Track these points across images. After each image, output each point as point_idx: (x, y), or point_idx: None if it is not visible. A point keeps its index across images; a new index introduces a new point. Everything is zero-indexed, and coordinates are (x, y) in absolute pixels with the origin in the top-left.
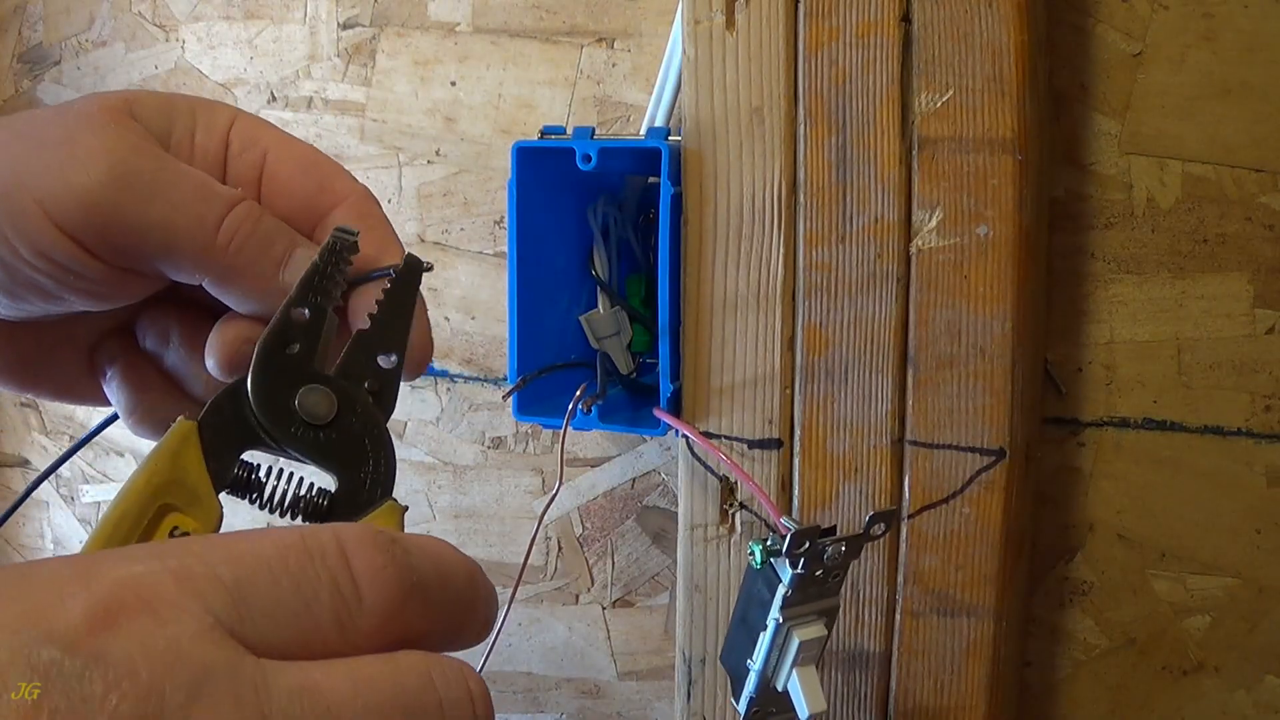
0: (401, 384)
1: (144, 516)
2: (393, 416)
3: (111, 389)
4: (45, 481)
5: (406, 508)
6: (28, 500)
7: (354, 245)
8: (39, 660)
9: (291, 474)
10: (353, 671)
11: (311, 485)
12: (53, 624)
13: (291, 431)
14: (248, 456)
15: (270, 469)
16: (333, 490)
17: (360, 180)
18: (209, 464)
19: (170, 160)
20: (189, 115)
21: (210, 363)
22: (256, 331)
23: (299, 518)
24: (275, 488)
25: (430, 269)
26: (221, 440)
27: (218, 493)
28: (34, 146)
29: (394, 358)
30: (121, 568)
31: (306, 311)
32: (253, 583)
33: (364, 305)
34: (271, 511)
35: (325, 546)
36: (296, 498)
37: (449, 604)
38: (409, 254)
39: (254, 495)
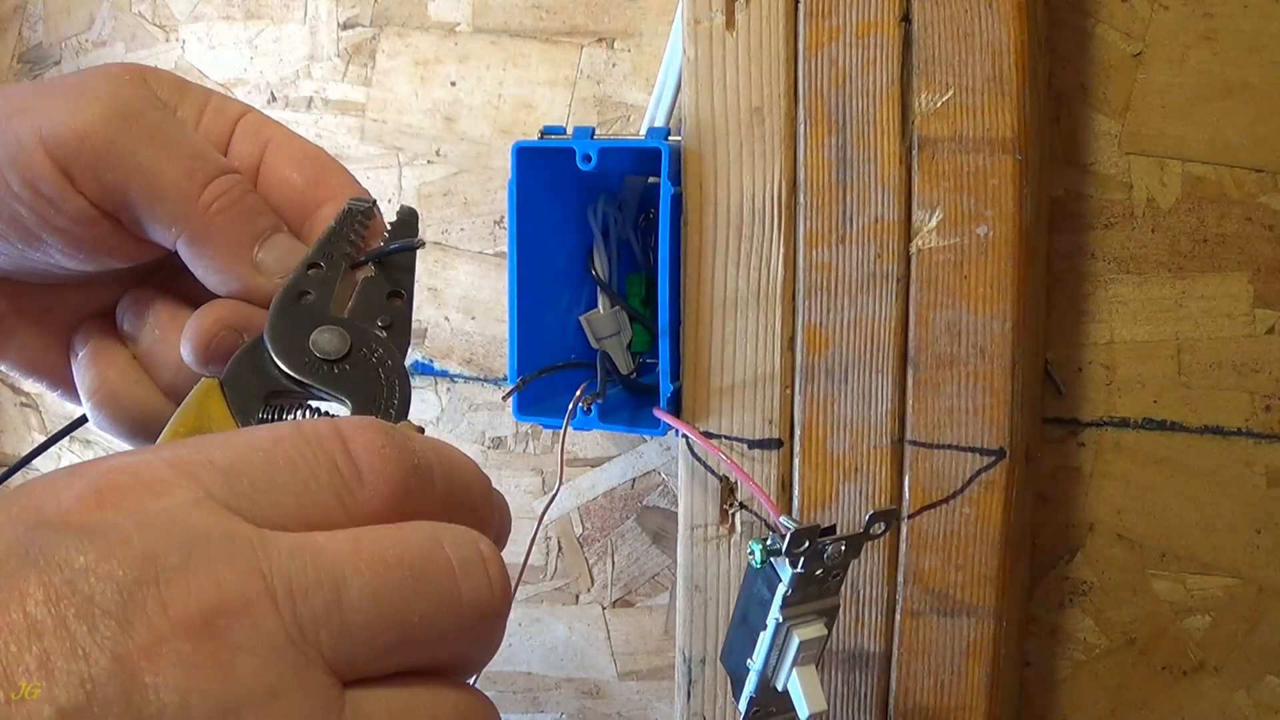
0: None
1: None
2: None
3: (79, 368)
4: None
5: (423, 429)
6: None
7: (369, 211)
8: (31, 544)
9: (316, 409)
10: (356, 534)
11: (332, 416)
12: (44, 512)
13: (308, 365)
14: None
15: (294, 410)
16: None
17: (361, 181)
18: (235, 415)
19: (175, 118)
20: (201, 98)
21: (185, 347)
22: (235, 318)
23: None
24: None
25: (416, 217)
26: (245, 393)
27: None
28: (46, 91)
29: (402, 295)
30: (114, 460)
31: (323, 265)
32: (248, 464)
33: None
34: None
35: (321, 431)
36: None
37: (456, 492)
38: (403, 206)
39: None
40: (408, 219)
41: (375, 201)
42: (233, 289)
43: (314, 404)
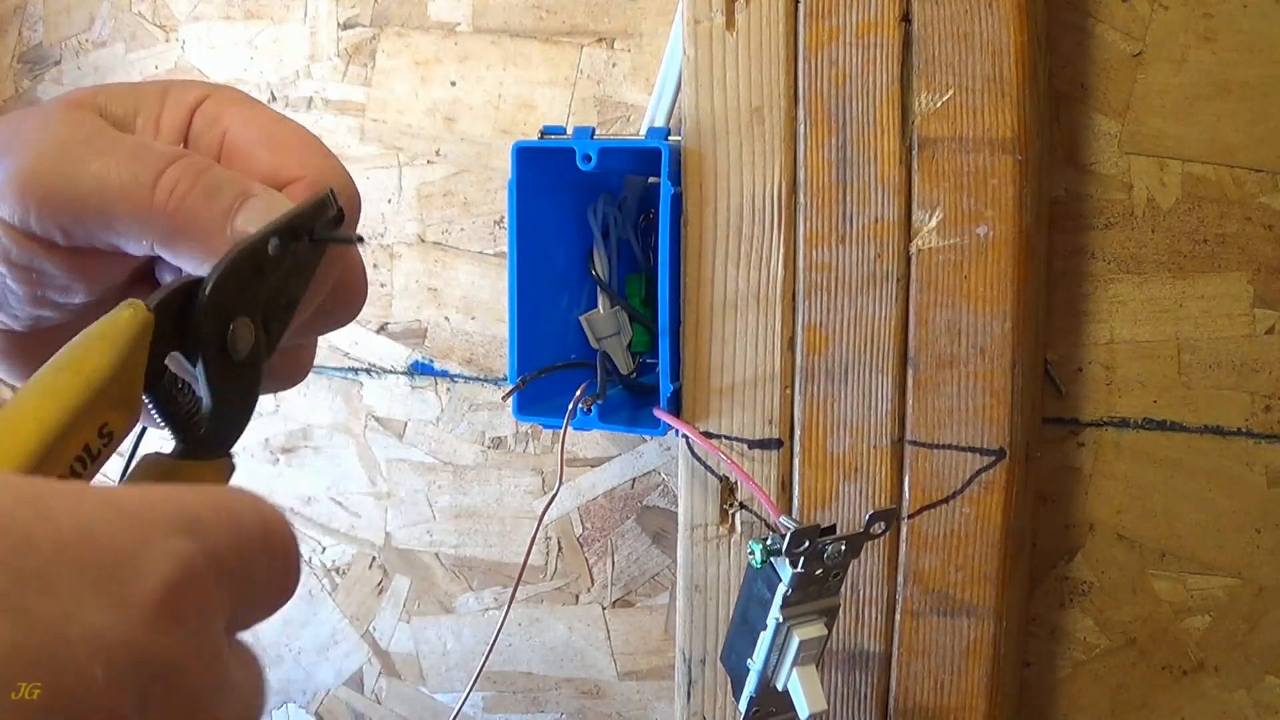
0: (410, 387)
1: (84, 417)
2: (393, 416)
3: None
4: None
5: (234, 468)
6: None
7: (339, 213)
8: None
9: (194, 392)
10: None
11: (199, 407)
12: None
13: (213, 351)
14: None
15: (178, 380)
16: (206, 420)
17: (361, 181)
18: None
19: (105, 130)
20: (157, 98)
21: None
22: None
23: (180, 433)
24: (182, 400)
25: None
26: (161, 338)
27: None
28: None
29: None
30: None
31: (278, 242)
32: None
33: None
34: (163, 417)
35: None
36: (188, 417)
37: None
38: (326, 190)
39: (163, 402)
40: (325, 201)
41: (344, 210)
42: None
43: (192, 387)
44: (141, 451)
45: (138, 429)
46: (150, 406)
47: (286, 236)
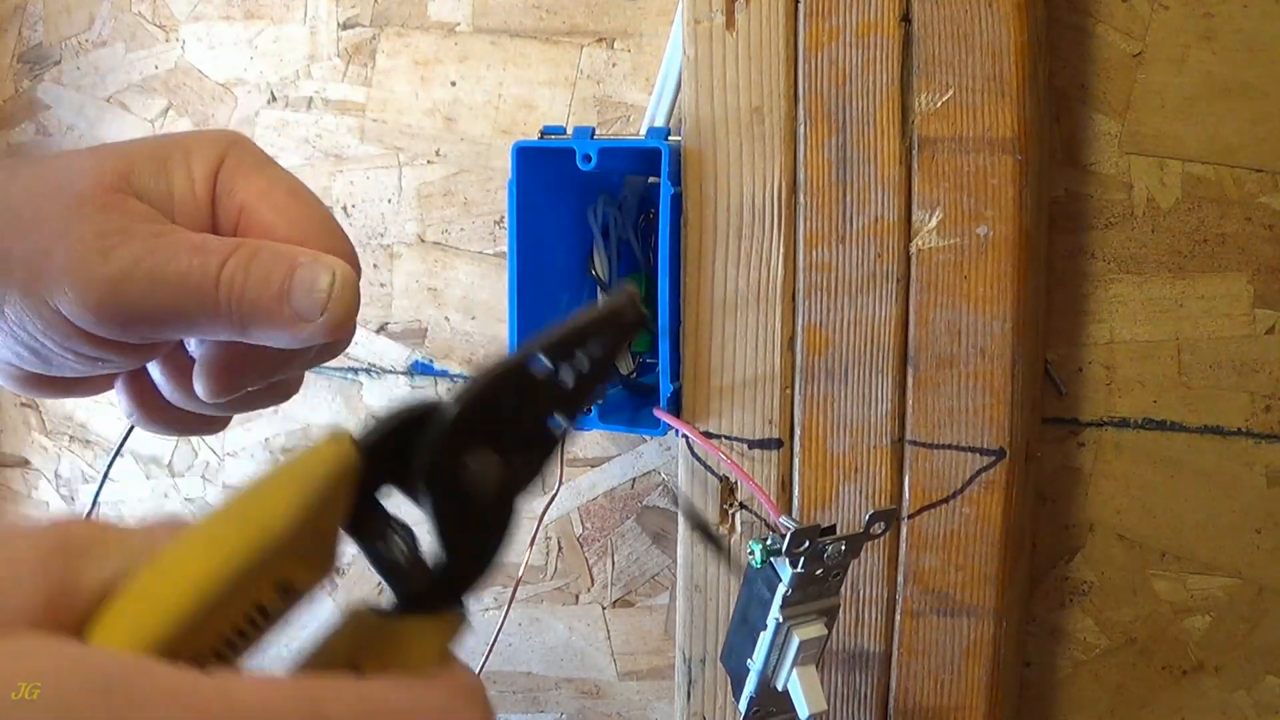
0: (410, 387)
1: (254, 576)
2: None
3: (118, 390)
4: (45, 481)
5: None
6: (28, 500)
7: (638, 319)
8: None
9: (412, 533)
10: None
11: (419, 553)
12: None
13: (445, 490)
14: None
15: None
16: (434, 570)
17: (361, 181)
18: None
19: (166, 236)
20: (184, 164)
21: (201, 385)
22: (243, 359)
23: (398, 584)
24: (396, 545)
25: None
26: (372, 472)
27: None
28: (32, 237)
29: (563, 422)
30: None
31: (548, 363)
32: None
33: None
34: (375, 565)
35: None
36: (408, 565)
37: None
38: (626, 287)
39: (374, 547)
40: (621, 309)
41: (643, 310)
42: (299, 344)
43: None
44: (129, 447)
45: (126, 428)
46: (360, 551)
47: (555, 355)
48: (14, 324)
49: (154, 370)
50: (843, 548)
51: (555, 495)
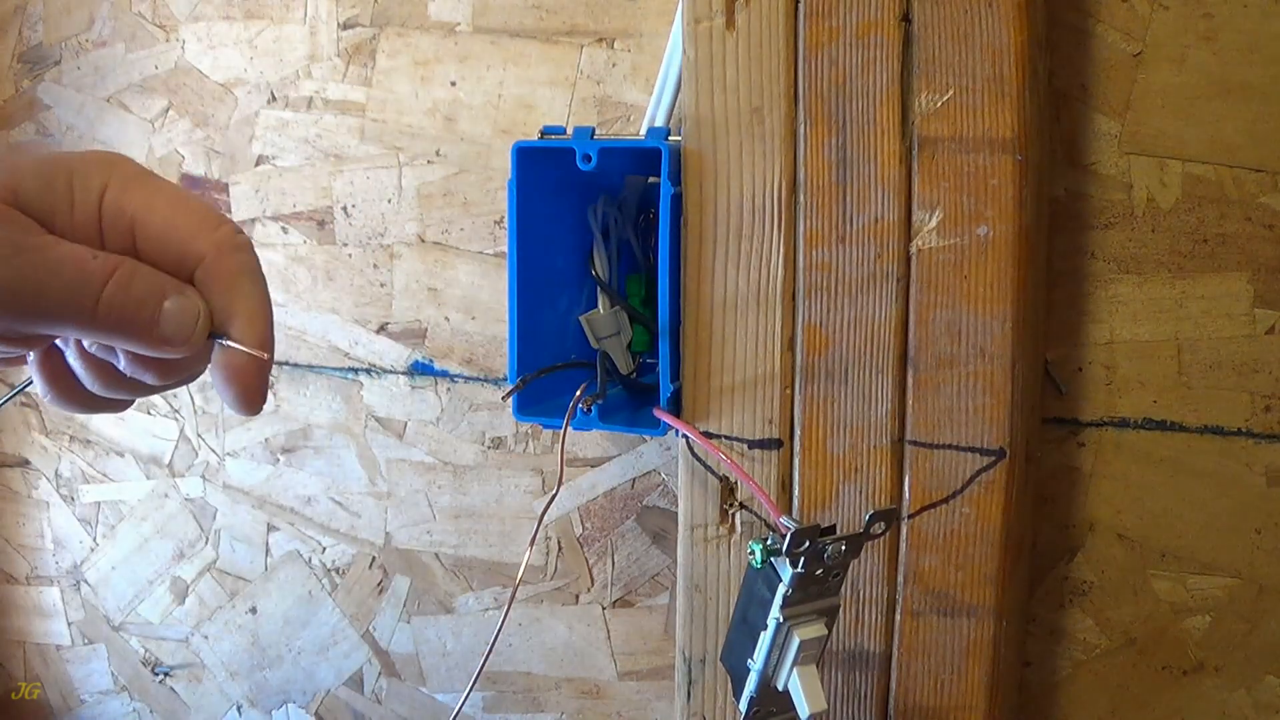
0: (410, 387)
1: None
2: (393, 416)
3: (32, 370)
4: (45, 481)
5: None
6: (28, 500)
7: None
8: None
9: None
10: None
11: None
12: None
13: None
14: None
15: None
16: None
17: (361, 181)
18: None
19: (50, 250)
20: (66, 187)
21: (230, 399)
22: (255, 364)
23: None
24: None
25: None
26: None
27: None
28: None
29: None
30: None
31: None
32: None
33: None
34: None
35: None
36: None
37: None
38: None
39: None
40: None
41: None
42: (154, 355)
43: None
44: (129, 447)
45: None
46: None
47: None
48: None
49: (72, 359)
50: (843, 548)
51: (555, 495)
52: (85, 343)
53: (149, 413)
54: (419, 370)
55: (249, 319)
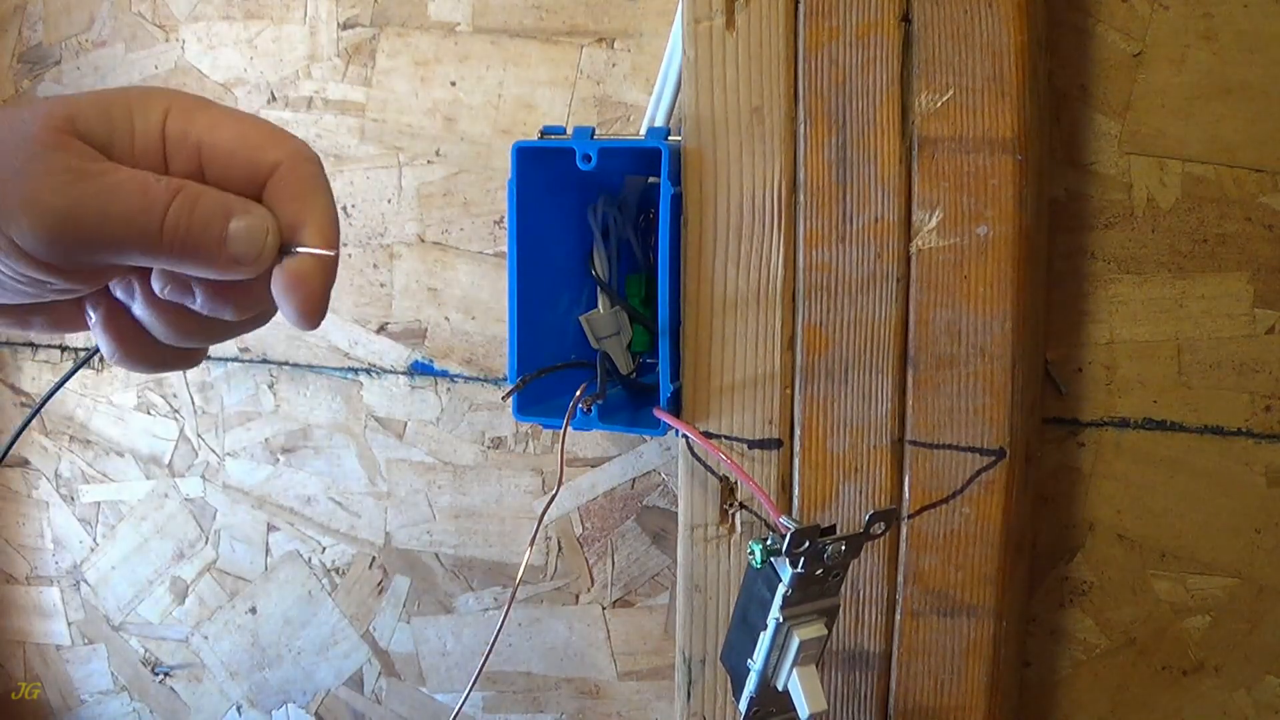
0: (410, 387)
1: None
2: (393, 416)
3: (96, 333)
4: (45, 481)
5: None
6: (28, 500)
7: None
8: None
9: None
10: None
11: None
12: None
13: None
14: None
15: None
16: None
17: (361, 181)
18: None
19: (111, 175)
20: (126, 117)
21: (291, 311)
22: (321, 272)
23: None
24: None
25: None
26: None
27: None
28: None
29: None
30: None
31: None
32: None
33: None
34: None
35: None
36: None
37: None
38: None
39: None
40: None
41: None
42: (218, 277)
43: None
44: (129, 447)
45: (92, 347)
46: None
47: None
48: None
49: (139, 310)
50: (843, 548)
51: (555, 495)
52: (156, 285)
53: (149, 413)
54: (419, 370)
55: (319, 227)
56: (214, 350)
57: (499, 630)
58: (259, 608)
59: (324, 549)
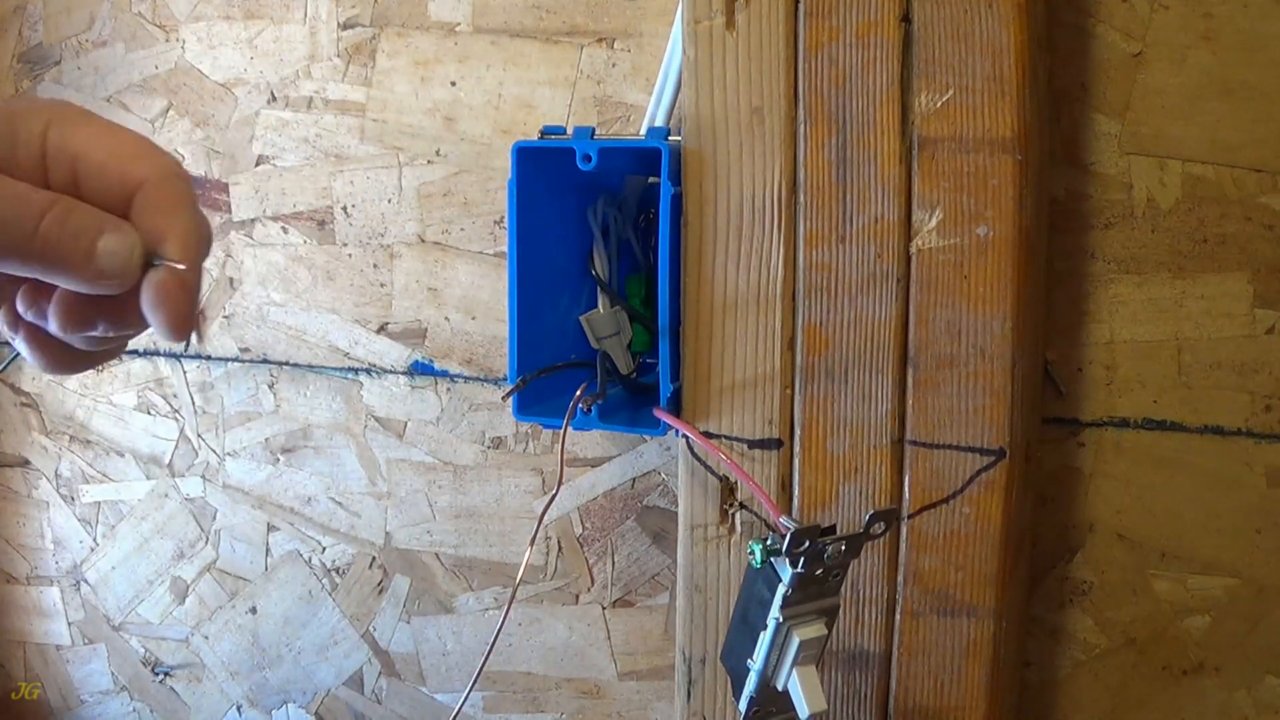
0: (410, 387)
1: None
2: (393, 416)
3: (20, 347)
4: (45, 481)
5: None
6: (28, 500)
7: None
8: None
9: None
10: None
11: None
12: None
13: None
14: None
15: None
16: None
17: (361, 181)
18: None
19: None
20: (9, 129)
21: (156, 324)
22: (181, 285)
23: None
24: None
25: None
26: None
27: None
28: None
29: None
30: None
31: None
32: None
33: None
34: None
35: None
36: None
37: None
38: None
39: None
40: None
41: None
42: (91, 292)
43: None
44: (129, 447)
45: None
46: None
47: None
48: None
49: (50, 321)
50: (842, 548)
51: (556, 495)
52: (20, 306)
53: (149, 413)
54: (419, 370)
55: (181, 240)
56: (214, 350)
57: (499, 630)
58: (259, 608)
59: (324, 549)
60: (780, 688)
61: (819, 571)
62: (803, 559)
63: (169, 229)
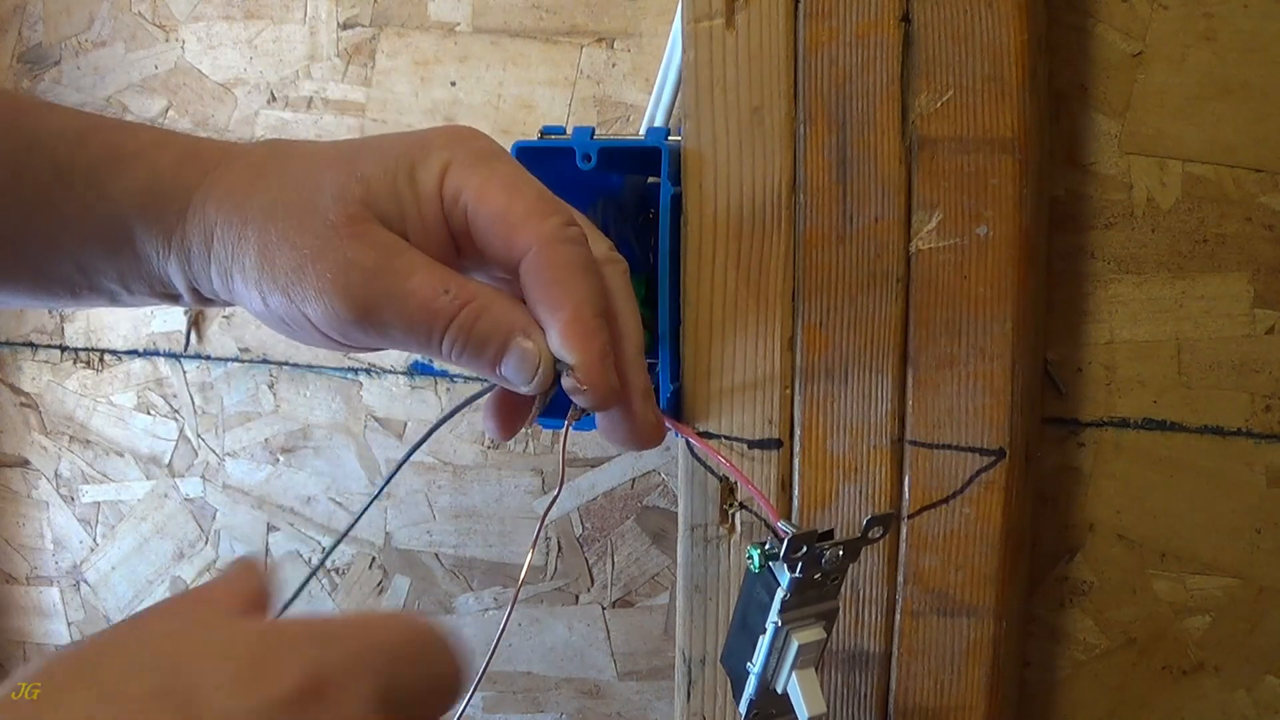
0: (410, 387)
1: None
2: (393, 416)
3: (486, 419)
4: (45, 481)
5: None
6: (28, 500)
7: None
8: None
9: None
10: None
11: None
12: (269, 692)
13: None
14: None
15: None
16: None
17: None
18: None
19: (404, 281)
20: (409, 183)
21: (617, 443)
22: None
23: None
24: None
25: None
26: None
27: None
28: (290, 253)
29: None
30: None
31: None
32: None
33: None
34: None
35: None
36: None
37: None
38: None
39: None
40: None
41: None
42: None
43: None
44: (129, 447)
45: None
46: None
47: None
48: (277, 314)
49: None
50: (840, 552)
51: (557, 496)
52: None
53: (149, 413)
54: (419, 370)
55: (566, 328)
56: (214, 350)
57: (501, 632)
58: None
59: (324, 549)
60: (780, 691)
61: (817, 576)
62: (800, 564)
63: (553, 313)
